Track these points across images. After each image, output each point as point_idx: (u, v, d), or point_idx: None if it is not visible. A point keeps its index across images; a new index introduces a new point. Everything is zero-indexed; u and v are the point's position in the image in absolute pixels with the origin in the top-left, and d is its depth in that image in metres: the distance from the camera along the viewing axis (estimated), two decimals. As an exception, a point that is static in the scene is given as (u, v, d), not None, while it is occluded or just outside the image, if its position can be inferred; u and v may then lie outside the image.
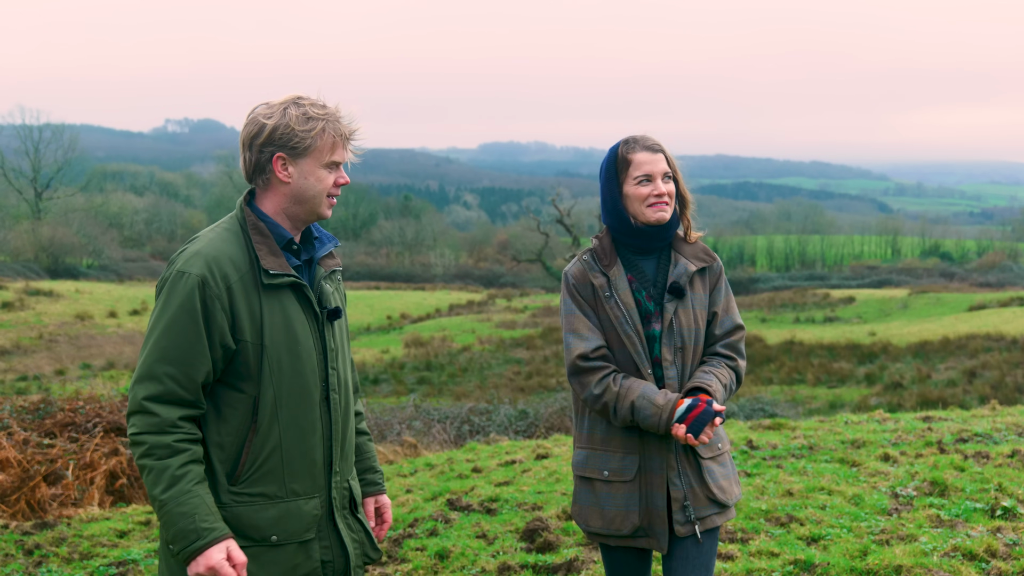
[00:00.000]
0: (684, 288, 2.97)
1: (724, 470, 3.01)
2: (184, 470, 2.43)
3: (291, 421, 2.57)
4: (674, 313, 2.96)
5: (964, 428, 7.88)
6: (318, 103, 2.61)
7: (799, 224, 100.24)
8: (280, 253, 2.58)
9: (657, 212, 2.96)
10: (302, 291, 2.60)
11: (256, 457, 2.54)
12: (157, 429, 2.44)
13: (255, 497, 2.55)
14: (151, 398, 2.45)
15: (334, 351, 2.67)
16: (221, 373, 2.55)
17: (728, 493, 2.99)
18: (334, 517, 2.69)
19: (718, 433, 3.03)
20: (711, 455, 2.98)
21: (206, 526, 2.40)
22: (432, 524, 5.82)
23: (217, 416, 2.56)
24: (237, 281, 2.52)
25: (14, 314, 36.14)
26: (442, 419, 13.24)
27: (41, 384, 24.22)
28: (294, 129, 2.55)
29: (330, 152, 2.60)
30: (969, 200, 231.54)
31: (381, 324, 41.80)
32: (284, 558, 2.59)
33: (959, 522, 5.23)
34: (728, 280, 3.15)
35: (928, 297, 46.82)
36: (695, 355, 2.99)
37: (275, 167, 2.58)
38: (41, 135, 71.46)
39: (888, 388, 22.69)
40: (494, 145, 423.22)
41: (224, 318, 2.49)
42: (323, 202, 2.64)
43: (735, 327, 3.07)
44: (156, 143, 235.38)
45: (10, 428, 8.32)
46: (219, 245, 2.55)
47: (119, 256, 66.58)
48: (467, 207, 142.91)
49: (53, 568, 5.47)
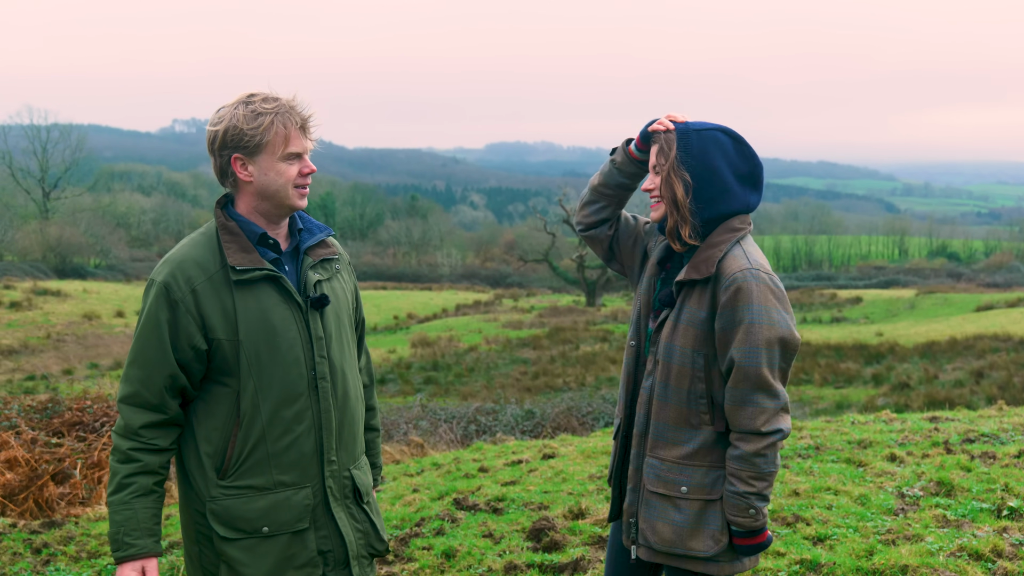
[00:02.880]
0: (673, 297, 2.70)
1: (677, 515, 2.68)
2: (129, 480, 2.53)
3: (274, 412, 2.60)
4: (660, 322, 2.72)
5: (971, 428, 7.86)
6: (269, 97, 2.60)
7: (806, 224, 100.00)
8: (252, 249, 2.60)
9: (651, 210, 2.81)
10: (279, 283, 2.62)
11: (242, 450, 2.58)
12: (121, 432, 2.57)
13: (243, 490, 2.59)
14: (123, 399, 2.58)
15: (322, 339, 2.67)
16: (208, 371, 2.60)
17: (659, 538, 2.70)
18: (331, 507, 2.70)
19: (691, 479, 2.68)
20: (664, 492, 2.70)
21: (128, 541, 2.51)
22: (439, 523, 5.83)
23: (206, 411, 2.61)
24: (204, 282, 2.56)
25: (22, 314, 36.22)
26: (449, 419, 13.25)
27: (49, 383, 24.27)
28: (243, 128, 2.56)
29: (284, 144, 2.59)
30: (977, 200, 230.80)
31: (388, 324, 41.81)
32: (278, 548, 2.61)
33: (965, 522, 5.22)
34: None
35: (935, 297, 46.68)
36: (679, 378, 2.66)
37: (235, 168, 2.61)
38: (49, 135, 71.61)
39: (895, 388, 22.62)
40: (501, 145, 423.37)
41: (191, 320, 2.54)
42: (290, 193, 2.64)
43: (730, 363, 2.59)
44: (163, 143, 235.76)
45: (18, 427, 8.36)
46: (187, 250, 2.61)
47: (126, 256, 66.69)
48: (474, 207, 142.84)
49: (61, 567, 5.49)
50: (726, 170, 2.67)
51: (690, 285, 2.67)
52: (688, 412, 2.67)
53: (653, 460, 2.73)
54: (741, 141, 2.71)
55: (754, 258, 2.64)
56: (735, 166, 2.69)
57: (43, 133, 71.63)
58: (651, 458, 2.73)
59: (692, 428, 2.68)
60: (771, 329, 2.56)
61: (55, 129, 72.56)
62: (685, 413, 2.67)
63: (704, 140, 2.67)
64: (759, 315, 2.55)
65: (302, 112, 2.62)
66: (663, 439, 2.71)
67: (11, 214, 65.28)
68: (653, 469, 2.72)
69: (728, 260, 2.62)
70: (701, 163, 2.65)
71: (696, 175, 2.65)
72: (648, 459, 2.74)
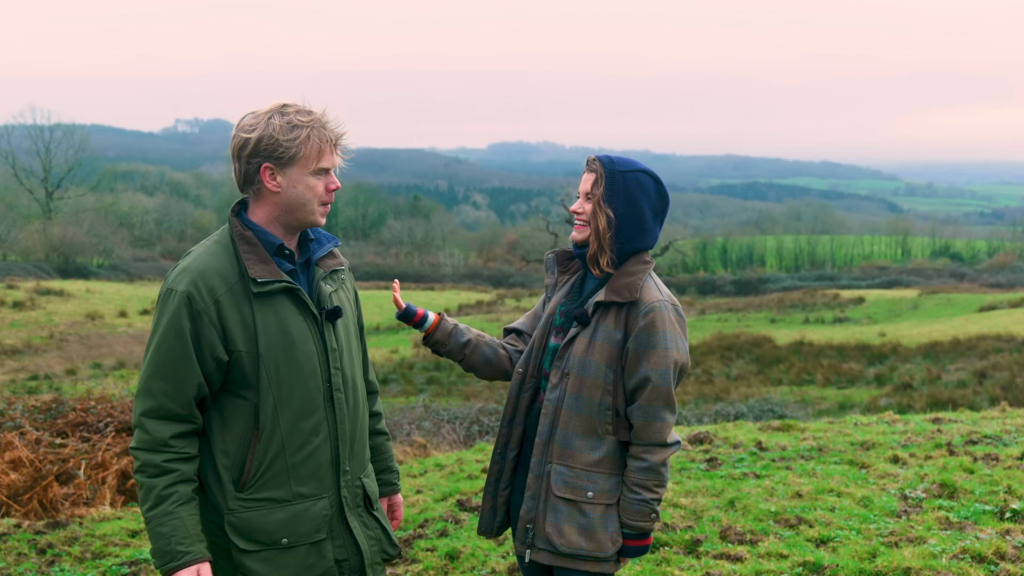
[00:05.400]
0: (587, 316, 2.89)
1: (583, 519, 2.87)
2: (170, 491, 2.49)
3: (293, 425, 2.59)
4: (571, 339, 2.91)
5: (974, 430, 7.86)
6: (304, 110, 2.59)
7: (809, 224, 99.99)
8: (270, 260, 2.59)
9: (574, 231, 2.98)
10: (296, 295, 2.61)
11: (260, 463, 2.57)
12: (149, 447, 2.51)
13: (262, 502, 2.58)
14: (146, 413, 2.52)
15: (336, 351, 2.68)
16: (224, 382, 2.58)
17: (566, 541, 2.87)
18: (346, 516, 2.71)
19: (596, 484, 2.87)
20: (570, 497, 2.88)
21: (181, 549, 2.47)
22: (442, 525, 5.84)
23: (222, 424, 2.59)
24: (225, 293, 2.53)
25: (25, 313, 36.27)
26: (452, 419, 13.25)
27: (52, 384, 24.30)
28: (278, 139, 2.54)
29: (317, 159, 2.59)
30: (980, 200, 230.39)
31: (390, 324, 41.77)
32: (297, 560, 2.61)
33: (968, 524, 5.23)
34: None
35: (938, 298, 46.63)
36: (583, 387, 2.86)
37: (263, 177, 2.58)
38: (52, 135, 71.69)
39: (898, 389, 22.60)
40: (503, 145, 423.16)
41: (213, 332, 2.52)
42: (315, 210, 2.63)
43: (642, 380, 2.83)
44: (166, 143, 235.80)
45: (22, 428, 8.37)
46: (206, 259, 2.57)
47: (129, 256, 66.77)
48: (476, 207, 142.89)
49: (66, 567, 5.51)
50: (647, 210, 2.93)
51: (606, 307, 2.89)
52: (596, 422, 2.88)
53: (560, 467, 2.90)
54: (660, 182, 2.98)
55: (664, 291, 2.94)
56: (654, 206, 2.95)
57: (46, 133, 71.74)
58: (558, 465, 2.90)
59: (597, 437, 2.88)
60: (677, 354, 2.86)
61: (58, 129, 72.65)
62: (593, 423, 2.88)
63: (628, 181, 2.90)
64: (670, 341, 2.84)
65: (336, 129, 2.62)
66: (570, 447, 2.89)
67: (14, 214, 65.42)
68: (560, 476, 2.89)
69: (645, 290, 2.88)
70: (625, 203, 2.90)
71: (619, 213, 2.89)
72: (555, 466, 2.90)
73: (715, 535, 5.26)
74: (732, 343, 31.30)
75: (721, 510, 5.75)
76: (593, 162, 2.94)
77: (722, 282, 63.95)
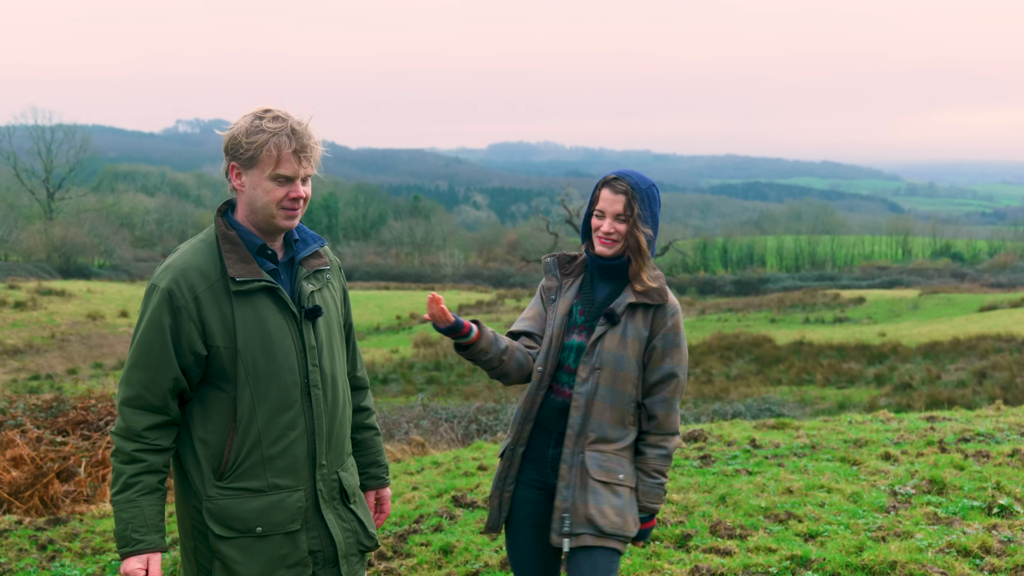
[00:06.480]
0: (617, 316, 3.08)
1: (617, 500, 3.06)
2: (135, 479, 2.60)
3: (269, 419, 2.67)
4: (601, 336, 3.08)
5: (967, 428, 7.92)
6: (279, 116, 2.63)
7: (809, 224, 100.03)
8: (251, 259, 2.67)
9: (600, 246, 3.13)
10: (276, 293, 2.68)
11: (238, 454, 2.66)
12: (124, 434, 2.63)
13: (239, 491, 2.67)
14: (125, 401, 2.63)
15: (315, 348, 2.75)
16: (204, 375, 2.67)
17: (608, 521, 3.03)
18: (321, 509, 2.78)
19: (623, 468, 3.09)
20: (605, 480, 3.06)
21: (136, 536, 2.58)
22: (437, 520, 5.91)
23: (203, 414, 2.69)
24: (206, 290, 2.62)
25: (27, 314, 36.36)
26: (450, 418, 13.33)
27: (53, 383, 24.37)
28: (240, 140, 2.63)
29: (274, 165, 2.62)
30: (981, 200, 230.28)
31: (391, 324, 41.87)
32: (271, 548, 2.70)
33: (956, 519, 5.29)
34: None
35: (939, 298, 46.67)
36: (617, 380, 3.06)
37: (232, 176, 2.69)
38: (53, 136, 71.83)
39: (897, 389, 22.65)
40: (504, 145, 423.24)
41: (192, 327, 2.61)
42: (276, 213, 2.67)
43: (669, 375, 3.11)
44: (167, 143, 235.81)
45: (24, 426, 8.45)
46: (190, 257, 2.66)
47: (130, 256, 66.89)
48: (476, 207, 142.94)
49: (66, 563, 5.58)
50: (659, 220, 3.21)
51: (634, 307, 3.11)
52: (624, 413, 3.10)
53: (593, 453, 3.07)
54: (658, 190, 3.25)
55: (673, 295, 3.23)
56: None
57: (47, 134, 71.89)
58: (591, 452, 3.07)
59: (624, 427, 3.11)
60: (687, 352, 3.21)
61: (59, 130, 72.79)
62: (623, 414, 3.10)
63: (652, 199, 3.14)
64: (685, 340, 3.17)
65: (303, 138, 2.63)
66: (603, 436, 3.08)
67: (16, 214, 65.47)
68: (595, 460, 3.06)
69: (667, 294, 3.17)
70: (653, 220, 3.16)
71: (653, 229, 3.16)
72: (588, 453, 3.07)
73: (705, 530, 5.33)
74: (732, 343, 31.35)
75: (712, 506, 5.81)
76: (619, 183, 3.10)
77: (722, 282, 64.05)
